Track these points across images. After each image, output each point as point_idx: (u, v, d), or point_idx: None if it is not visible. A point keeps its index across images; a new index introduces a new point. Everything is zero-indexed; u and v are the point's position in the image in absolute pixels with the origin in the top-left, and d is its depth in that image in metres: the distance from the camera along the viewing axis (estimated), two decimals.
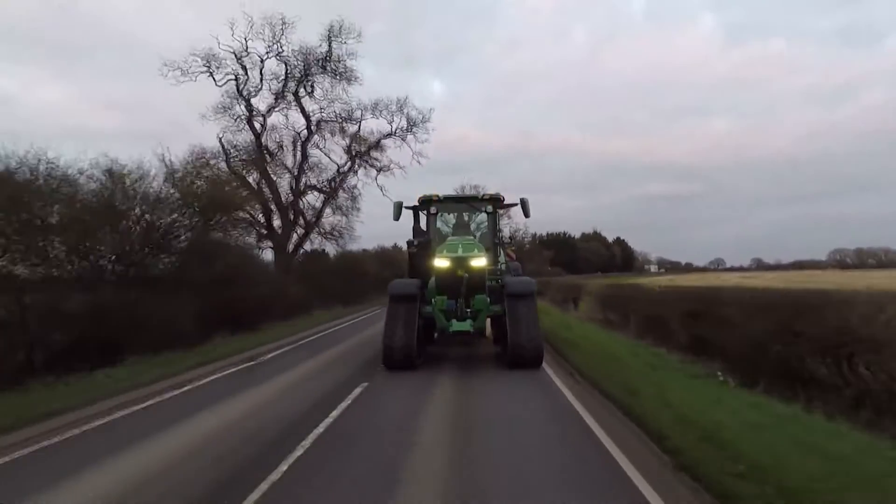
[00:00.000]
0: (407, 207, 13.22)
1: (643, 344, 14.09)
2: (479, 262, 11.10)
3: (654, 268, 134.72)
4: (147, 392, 9.13)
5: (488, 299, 11.24)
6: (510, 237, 18.79)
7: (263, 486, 4.87)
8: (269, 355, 13.34)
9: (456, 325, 11.05)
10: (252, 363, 12.15)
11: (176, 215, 16.45)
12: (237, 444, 6.18)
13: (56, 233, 12.87)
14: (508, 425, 6.91)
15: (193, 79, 26.81)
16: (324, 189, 31.54)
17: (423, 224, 13.28)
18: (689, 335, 13.07)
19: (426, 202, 12.92)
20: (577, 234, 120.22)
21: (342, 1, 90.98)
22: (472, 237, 12.58)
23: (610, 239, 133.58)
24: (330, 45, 28.17)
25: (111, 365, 11.16)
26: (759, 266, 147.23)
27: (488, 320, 11.79)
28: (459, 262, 10.96)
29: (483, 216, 13.32)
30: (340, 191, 30.95)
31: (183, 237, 16.63)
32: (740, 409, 7.19)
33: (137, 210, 14.57)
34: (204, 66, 26.81)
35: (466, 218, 13.63)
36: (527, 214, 12.72)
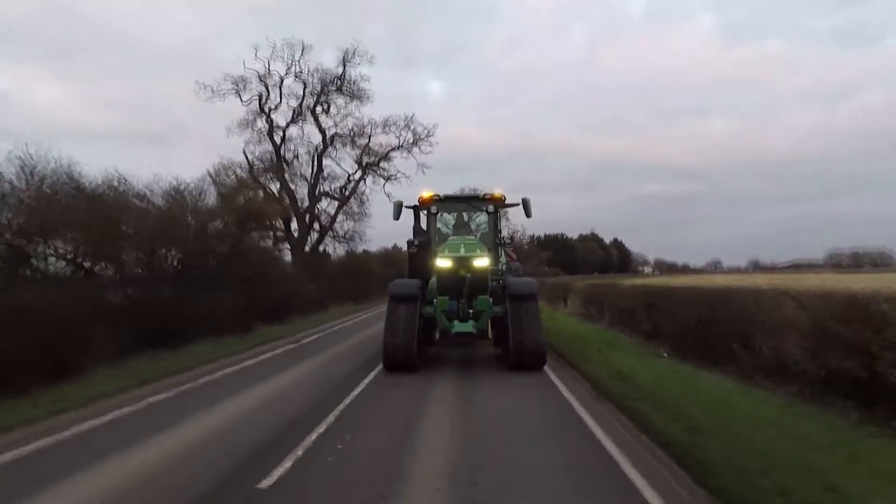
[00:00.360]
0: (407, 207, 13.28)
1: (612, 331, 17.18)
2: (482, 262, 11.01)
3: (647, 269, 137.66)
4: (232, 361, 12.25)
5: (491, 299, 11.21)
6: (511, 237, 18.59)
7: (340, 408, 7.88)
8: (305, 340, 16.45)
9: (458, 326, 11.02)
10: (296, 345, 15.27)
11: (220, 224, 19.59)
12: (312, 388, 9.29)
13: (131, 241, 15.93)
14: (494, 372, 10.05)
15: (223, 98, 29.94)
16: (335, 196, 34.64)
17: (423, 224, 13.31)
18: (651, 324, 16.19)
19: (427, 201, 12.95)
20: (574, 234, 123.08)
21: (342, 1, 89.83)
22: (473, 237, 12.51)
23: (607, 240, 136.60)
24: (344, 68, 31.33)
25: (185, 346, 14.17)
26: (756, 268, 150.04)
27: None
28: (461, 262, 10.92)
29: (484, 216, 13.29)
30: (351, 198, 34.07)
31: (225, 242, 19.73)
32: (659, 369, 10.31)
33: (194, 222, 17.64)
34: (232, 87, 29.92)
35: (466, 218, 13.56)
36: (528, 214, 12.68)
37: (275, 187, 31.71)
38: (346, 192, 33.99)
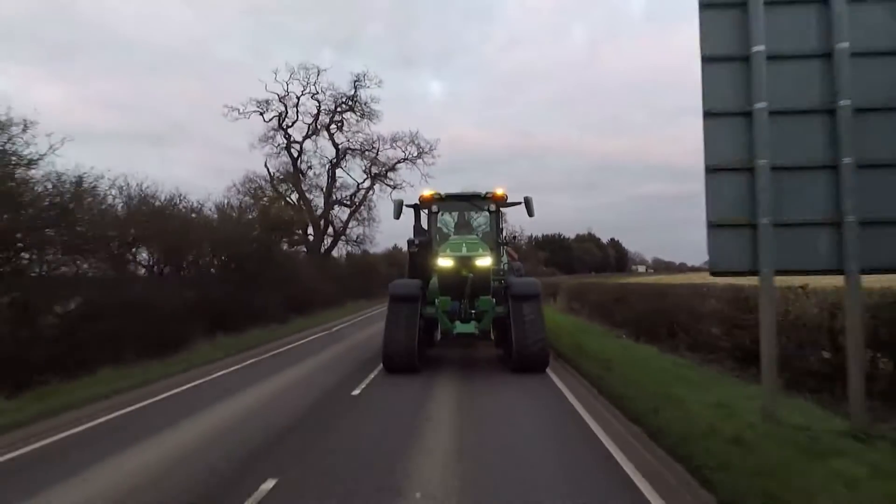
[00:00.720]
0: (408, 206, 13.25)
1: (588, 322, 20.85)
2: (484, 261, 10.87)
3: (640, 268, 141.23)
4: (286, 341, 15.90)
5: (493, 300, 11.14)
6: (513, 237, 18.13)
7: (371, 375, 10.68)
8: (335, 328, 20.07)
9: (460, 327, 10.94)
10: (329, 331, 18.93)
11: (257, 232, 23.29)
12: (351, 361, 12.71)
13: (193, 248, 19.57)
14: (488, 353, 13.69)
15: (247, 117, 33.71)
16: (346, 203, 38.36)
17: (424, 223, 13.26)
18: (619, 315, 19.85)
19: (427, 200, 12.88)
20: (573, 235, 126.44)
21: (342, 1, 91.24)
22: (475, 236, 12.32)
23: (605, 240, 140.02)
24: (356, 90, 35.05)
25: (245, 331, 17.81)
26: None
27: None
28: (463, 262, 10.79)
29: (485, 215, 13.18)
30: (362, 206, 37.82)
31: (263, 248, 23.40)
32: (609, 344, 13.91)
33: (240, 231, 21.31)
34: (256, 108, 33.70)
35: (468, 217, 13.47)
36: (531, 214, 12.57)
37: (293, 196, 35.36)
38: (357, 200, 37.69)
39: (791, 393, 7.53)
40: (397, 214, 12.97)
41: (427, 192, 12.90)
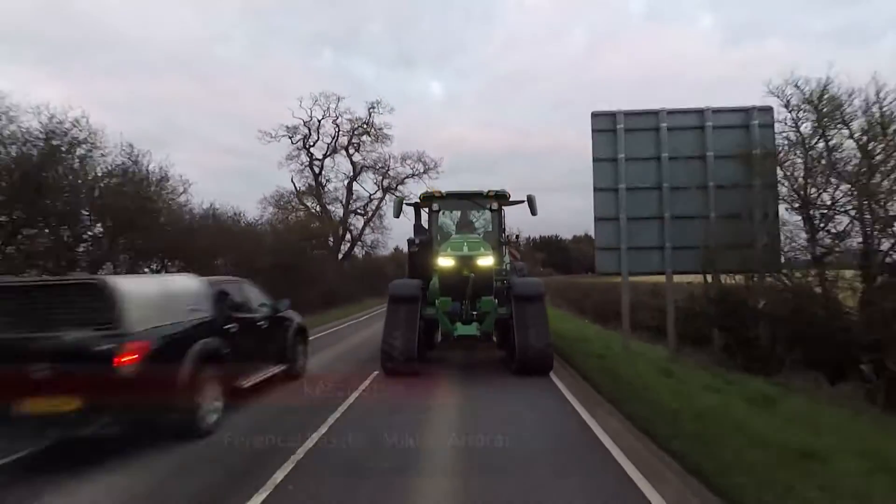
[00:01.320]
0: (408, 204, 13.13)
1: (565, 313, 26.42)
2: (486, 261, 10.54)
3: None
4: (333, 324, 21.43)
5: (496, 301, 10.81)
6: (516, 236, 17.30)
7: None
8: (362, 318, 25.67)
9: (461, 329, 10.67)
10: (367, 316, 24.50)
11: (297, 241, 28.94)
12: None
13: (259, 254, 25.11)
14: None
15: (278, 140, 39.47)
16: (360, 212, 44.05)
17: (424, 222, 12.99)
18: (587, 305, 25.47)
19: (428, 199, 12.60)
20: (570, 235, 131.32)
21: (341, 1, 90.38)
22: (477, 235, 12.12)
23: None
24: (371, 115, 40.78)
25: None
26: None
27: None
28: (465, 262, 10.48)
29: (487, 214, 12.86)
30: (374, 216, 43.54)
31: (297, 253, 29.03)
32: (571, 325, 19.55)
33: (291, 240, 26.95)
34: (285, 132, 39.53)
35: (470, 216, 13.22)
36: (534, 212, 12.26)
37: (316, 208, 41.09)
38: (370, 210, 43.40)
39: (641, 336, 13.15)
40: (397, 213, 13.13)
41: (428, 190, 12.60)
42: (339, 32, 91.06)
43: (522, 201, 12.46)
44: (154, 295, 6.13)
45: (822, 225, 10.40)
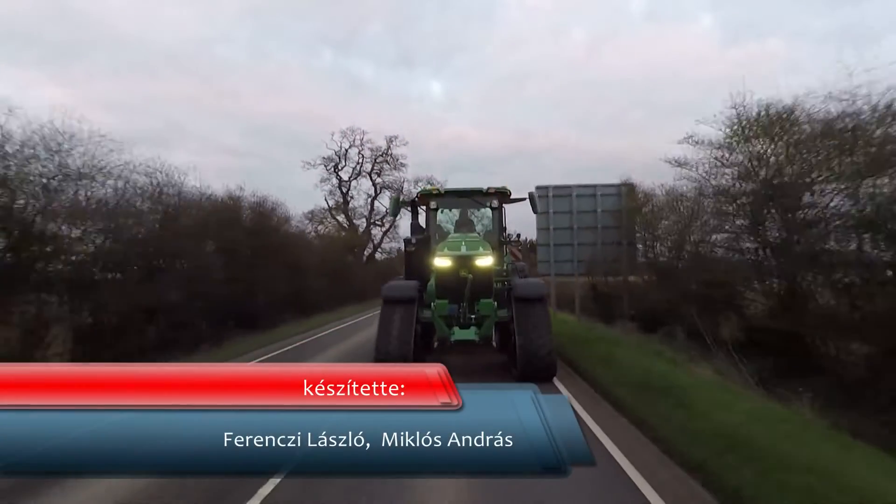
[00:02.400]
0: (405, 202, 13.04)
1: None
2: (485, 261, 10.15)
3: None
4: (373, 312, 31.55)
5: (495, 303, 10.31)
6: (517, 235, 17.08)
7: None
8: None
9: (458, 334, 10.10)
10: None
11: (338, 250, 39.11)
12: None
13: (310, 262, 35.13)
14: None
15: (315, 167, 49.81)
16: (379, 224, 54.42)
17: (422, 221, 12.61)
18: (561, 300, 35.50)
19: (426, 196, 12.23)
20: None
21: (341, 1, 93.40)
22: (476, 234, 11.76)
23: None
24: (389, 146, 51.21)
25: (342, 307, 33.30)
26: None
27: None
28: (463, 262, 10.07)
29: (487, 212, 12.46)
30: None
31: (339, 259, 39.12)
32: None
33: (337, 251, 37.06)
34: (322, 162, 49.97)
35: (470, 215, 12.80)
36: (536, 210, 12.13)
37: (344, 222, 51.78)
38: (387, 222, 53.90)
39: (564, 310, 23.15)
40: (394, 212, 13.85)
41: (426, 188, 12.27)
42: (339, 32, 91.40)
43: (524, 199, 12.39)
44: None
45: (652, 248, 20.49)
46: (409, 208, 12.92)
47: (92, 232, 13.66)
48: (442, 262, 10.35)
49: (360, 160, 51.93)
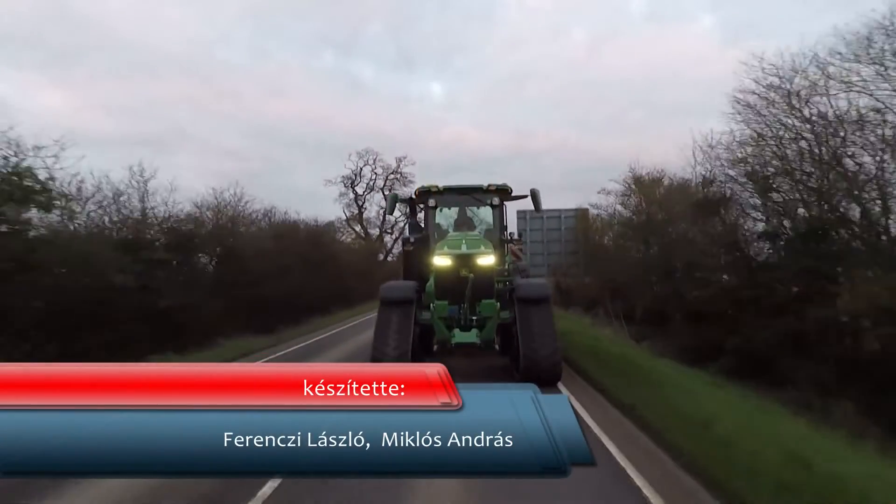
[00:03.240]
0: (402, 200, 11.11)
1: None
2: (486, 260, 8.55)
3: None
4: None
5: (497, 304, 8.74)
6: (519, 234, 14.06)
7: None
8: None
9: (459, 336, 8.45)
10: None
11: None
12: None
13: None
14: None
15: (336, 184, 49.42)
16: (389, 232, 54.09)
17: (421, 220, 10.91)
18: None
19: (424, 194, 10.32)
20: None
21: (341, 2, 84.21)
22: (476, 233, 10.10)
23: None
24: (399, 165, 50.89)
25: (364, 303, 32.71)
26: None
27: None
28: (463, 261, 8.42)
29: (488, 210, 10.49)
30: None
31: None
32: None
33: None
34: (342, 181, 49.68)
35: (470, 213, 10.83)
36: (538, 208, 10.27)
37: (360, 231, 51.42)
38: (399, 231, 53.57)
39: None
40: (391, 210, 11.13)
41: (424, 185, 10.58)
42: (339, 33, 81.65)
43: (526, 196, 10.54)
44: None
45: None
46: (407, 207, 11.11)
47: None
48: (441, 261, 8.59)
49: (374, 177, 51.68)
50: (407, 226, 11.51)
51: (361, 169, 51.32)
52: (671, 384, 8.34)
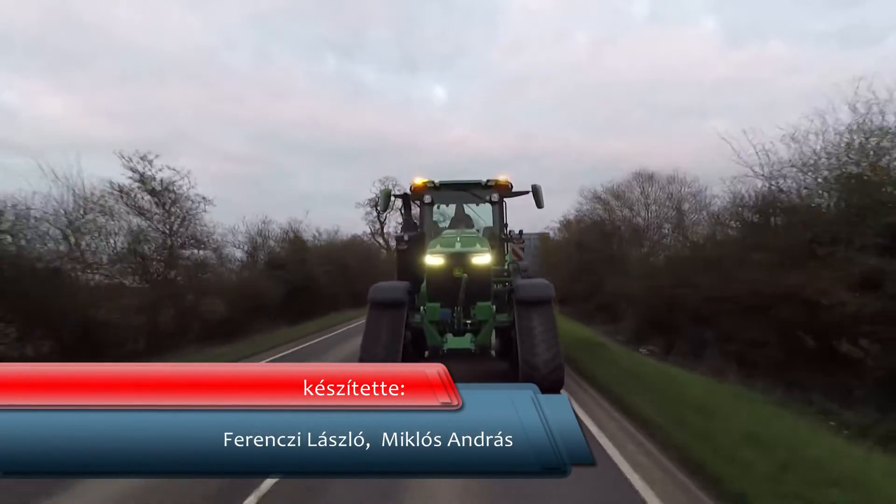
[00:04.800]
0: (396, 196, 10.31)
1: None
2: (482, 259, 7.73)
3: None
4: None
5: (494, 307, 7.90)
6: (519, 232, 10.25)
7: None
8: None
9: (452, 342, 7.59)
10: None
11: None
12: None
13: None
14: None
15: (364, 206, 49.69)
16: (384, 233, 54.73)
17: (417, 216, 10.21)
18: None
19: (419, 189, 9.60)
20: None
21: (346, 4, 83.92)
22: (475, 231, 9.30)
23: None
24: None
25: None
26: None
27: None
28: (457, 260, 7.63)
29: (487, 207, 9.77)
30: None
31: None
32: None
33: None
34: (367, 203, 50.14)
35: (468, 211, 10.05)
36: (539, 204, 9.49)
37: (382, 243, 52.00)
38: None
39: None
40: (384, 206, 10.56)
41: (419, 181, 9.70)
42: (342, 38, 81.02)
43: (527, 192, 9.89)
44: None
45: None
46: (402, 203, 10.15)
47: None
48: (433, 260, 7.75)
49: (393, 200, 52.40)
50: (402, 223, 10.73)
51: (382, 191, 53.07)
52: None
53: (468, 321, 7.68)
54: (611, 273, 21.88)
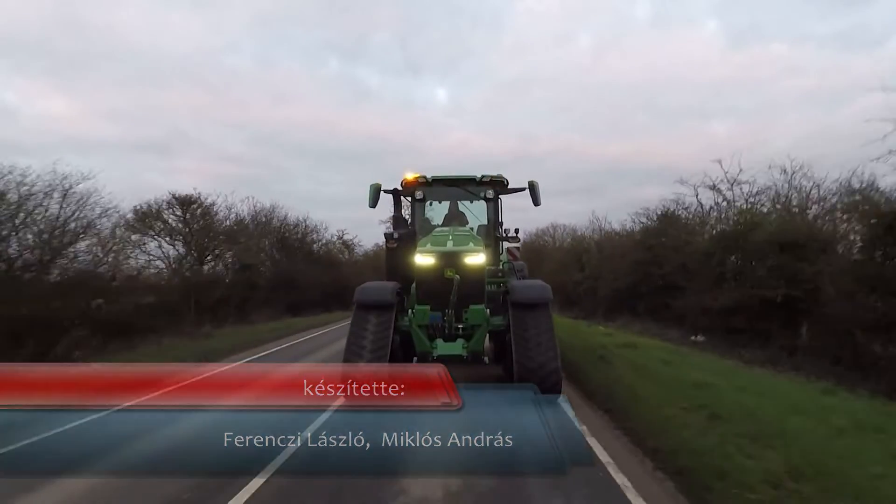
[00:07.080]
0: (385, 191, 9.17)
1: None
2: (476, 258, 7.02)
3: None
4: None
5: (488, 310, 7.11)
6: (516, 231, 6.64)
7: None
8: None
9: (442, 348, 6.91)
10: None
11: None
12: None
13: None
14: None
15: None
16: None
17: (407, 213, 9.45)
18: None
19: (411, 185, 8.68)
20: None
21: (348, 5, 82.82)
22: (469, 229, 8.48)
23: None
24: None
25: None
26: None
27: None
28: (448, 259, 6.92)
29: (481, 204, 8.90)
30: None
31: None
32: None
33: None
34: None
35: (462, 208, 9.21)
36: (536, 202, 8.72)
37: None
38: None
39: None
40: (373, 202, 9.10)
41: (410, 175, 8.92)
42: (346, 41, 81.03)
43: (523, 188, 9.30)
44: None
45: None
46: (392, 199, 9.45)
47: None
48: (423, 259, 7.00)
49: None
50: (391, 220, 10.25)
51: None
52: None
53: (460, 325, 6.97)
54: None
